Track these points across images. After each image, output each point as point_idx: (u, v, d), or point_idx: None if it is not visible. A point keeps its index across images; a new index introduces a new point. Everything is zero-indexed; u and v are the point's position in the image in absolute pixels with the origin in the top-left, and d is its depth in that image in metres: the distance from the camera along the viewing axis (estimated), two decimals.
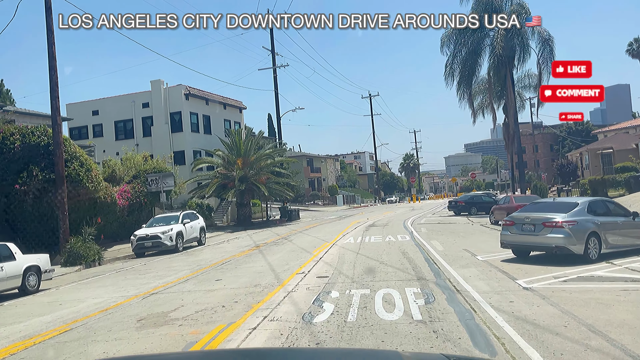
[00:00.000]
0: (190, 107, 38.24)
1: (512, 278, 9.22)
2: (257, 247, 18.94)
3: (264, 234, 26.52)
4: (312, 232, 24.54)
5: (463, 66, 34.10)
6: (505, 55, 32.83)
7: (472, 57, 33.82)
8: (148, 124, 38.39)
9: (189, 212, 22.49)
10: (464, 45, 33.26)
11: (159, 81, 37.72)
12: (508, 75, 34.18)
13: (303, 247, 17.11)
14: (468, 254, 12.97)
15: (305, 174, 67.98)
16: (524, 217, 11.11)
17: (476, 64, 34.53)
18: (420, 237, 18.46)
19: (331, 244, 17.76)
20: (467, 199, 34.10)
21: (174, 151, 37.51)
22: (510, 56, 33.56)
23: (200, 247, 21.34)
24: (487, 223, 24.51)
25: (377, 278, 9.94)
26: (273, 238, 22.67)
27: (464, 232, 20.27)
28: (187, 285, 10.72)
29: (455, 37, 33.89)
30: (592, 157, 43.85)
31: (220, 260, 15.42)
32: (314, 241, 19.39)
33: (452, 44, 33.62)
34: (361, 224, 28.03)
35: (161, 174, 25.97)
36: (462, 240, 16.68)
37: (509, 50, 33.30)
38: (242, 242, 22.11)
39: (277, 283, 10.15)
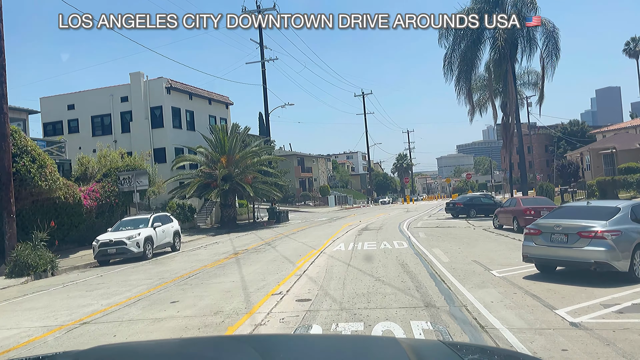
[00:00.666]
0: (172, 101, 35.92)
1: (549, 306, 7.10)
2: (235, 254, 16.74)
3: (247, 238, 24.31)
4: (300, 237, 22.38)
5: (462, 59, 32.08)
6: (508, 48, 30.89)
7: (472, 49, 31.79)
8: (127, 119, 36.00)
9: (161, 214, 20.23)
10: (464, 37, 31.25)
11: (138, 73, 35.35)
12: (509, 69, 32.23)
13: (286, 256, 14.94)
14: (480, 268, 10.86)
15: (296, 174, 65.81)
16: (554, 224, 9.01)
17: (476, 57, 32.53)
18: (420, 243, 16.36)
19: (319, 251, 15.60)
20: (465, 200, 32.09)
21: (154, 148, 35.19)
22: (513, 49, 31.63)
23: (173, 253, 19.09)
24: (490, 227, 22.48)
25: (373, 304, 7.80)
26: (256, 243, 20.48)
27: (467, 238, 18.20)
28: (132, 310, 8.51)
29: (454, 29, 31.89)
30: (594, 157, 42.07)
31: (188, 271, 13.21)
32: (300, 248, 17.22)
33: (451, 35, 31.60)
34: (353, 227, 25.91)
35: (135, 172, 23.67)
36: (468, 249, 14.59)
37: (511, 43, 31.43)
38: (220, 247, 19.89)
39: (244, 309, 7.97)
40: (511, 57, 31.82)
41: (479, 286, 8.83)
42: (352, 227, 26.49)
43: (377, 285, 9.36)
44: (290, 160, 64.27)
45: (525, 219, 19.16)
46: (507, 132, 44.60)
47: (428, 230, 21.81)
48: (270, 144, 39.38)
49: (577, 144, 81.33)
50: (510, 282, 9.07)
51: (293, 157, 66.33)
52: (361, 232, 22.76)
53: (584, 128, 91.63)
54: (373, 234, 21.33)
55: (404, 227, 24.32)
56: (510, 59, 31.63)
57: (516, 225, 19.69)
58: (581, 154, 45.70)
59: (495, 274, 10.00)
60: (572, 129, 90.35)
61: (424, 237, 18.91)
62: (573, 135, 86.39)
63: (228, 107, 43.13)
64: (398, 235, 20.20)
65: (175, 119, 36.29)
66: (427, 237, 18.61)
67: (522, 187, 32.31)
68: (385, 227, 24.84)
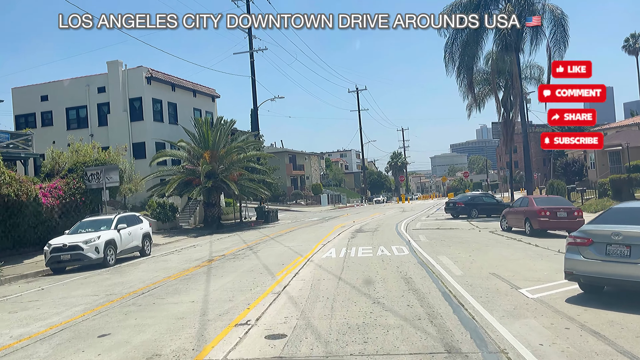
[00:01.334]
0: (153, 92, 33.50)
1: (628, 354, 4.89)
2: (209, 262, 14.45)
3: (230, 240, 22.02)
4: (287, 239, 20.12)
5: (464, 48, 29.92)
6: (513, 36, 28.79)
7: (474, 38, 29.62)
8: (104, 111, 33.57)
9: (128, 214, 17.87)
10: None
11: (116, 62, 32.90)
12: (514, 60, 30.12)
13: (267, 265, 12.68)
14: (504, 284, 8.67)
15: (288, 172, 63.49)
16: (611, 233, 6.80)
17: (478, 47, 30.41)
18: (422, 249, 14.15)
19: (306, 259, 13.36)
20: (466, 200, 29.94)
21: (133, 143, 32.82)
22: (518, 38, 29.51)
23: (140, 259, 16.75)
24: (497, 229, 20.35)
25: (372, 345, 5.55)
26: (236, 247, 18.19)
27: (474, 242, 16.02)
28: (41, 350, 6.21)
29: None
30: (599, 154, 40.04)
31: (146, 285, 10.92)
32: (284, 254, 14.96)
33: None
34: (346, 229, 23.70)
35: (104, 167, 21.29)
36: (481, 256, 12.40)
37: (517, 31, 29.36)
38: (196, 252, 17.58)
39: (191, 351, 5.71)
40: (516, 47, 29.70)
41: (512, 314, 6.61)
42: (345, 228, 24.27)
43: (377, 311, 7.11)
44: (282, 157, 61.94)
45: (540, 221, 17.06)
46: (508, 128, 42.67)
47: (429, 233, 19.62)
48: (258, 138, 37.04)
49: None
50: (552, 308, 6.86)
51: (284, 154, 63.98)
52: (355, 234, 20.54)
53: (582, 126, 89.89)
54: (368, 236, 19.12)
55: (401, 229, 22.14)
56: (515, 48, 29.51)
57: (529, 227, 17.54)
58: (584, 152, 43.68)
59: (526, 294, 7.80)
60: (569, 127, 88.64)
61: (425, 241, 16.72)
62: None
63: (214, 100, 40.78)
64: (396, 238, 17.99)
65: (157, 112, 33.90)
66: (429, 241, 16.41)
67: (528, 186, 30.20)
68: (381, 229, 22.65)
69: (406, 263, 11.67)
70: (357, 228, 23.85)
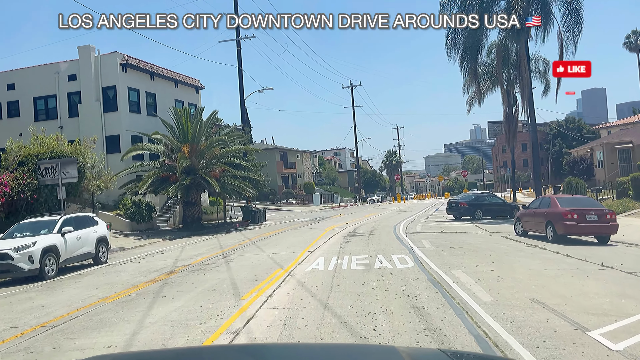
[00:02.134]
0: (129, 81, 30.67)
1: None
2: (168, 274, 11.75)
3: (205, 244, 19.33)
4: (270, 244, 17.46)
5: (468, 35, 27.37)
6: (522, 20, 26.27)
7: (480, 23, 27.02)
8: (75, 101, 30.69)
9: (78, 215, 15.10)
10: (471, 6, 26.47)
11: (88, 47, 30.02)
12: (522, 47, 27.63)
13: (236, 281, 10.01)
14: (560, 321, 6.05)
15: (278, 169, 60.76)
16: None
17: (483, 34, 27.88)
18: (430, 260, 11.54)
19: (286, 272, 10.71)
20: (470, 200, 27.39)
21: (106, 135, 29.99)
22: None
23: (92, 268, 14.02)
24: (510, 233, 17.81)
25: None
26: (208, 254, 15.49)
27: (490, 249, 13.44)
28: None
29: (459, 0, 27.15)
30: (608, 152, 37.67)
31: (70, 310, 8.23)
32: (262, 264, 12.29)
33: (456, 6, 26.86)
34: (338, 232, 21.07)
35: (59, 161, 18.54)
36: (506, 271, 9.80)
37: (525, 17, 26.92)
38: (160, 260, 14.85)
39: None
40: (525, 33, 27.17)
41: None
42: (337, 231, 21.64)
43: None
44: (272, 154, 59.21)
45: (566, 225, 14.48)
46: (511, 124, 40.16)
47: (433, 238, 17.01)
48: (245, 131, 34.30)
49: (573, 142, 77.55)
50: None
51: (275, 151, 61.20)
52: (348, 238, 17.91)
53: (580, 125, 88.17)
54: (363, 241, 16.49)
55: (400, 232, 19.55)
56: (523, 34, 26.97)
57: (551, 232, 14.97)
58: (591, 150, 41.29)
59: (604, 341, 5.18)
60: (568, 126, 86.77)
61: (431, 248, 14.10)
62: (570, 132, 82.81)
63: (198, 91, 37.97)
64: (396, 244, 15.38)
65: (133, 102, 31.05)
66: (435, 249, 13.81)
67: (536, 185, 27.70)
68: (378, 232, 20.03)
69: (413, 281, 9.04)
70: (350, 231, 21.23)
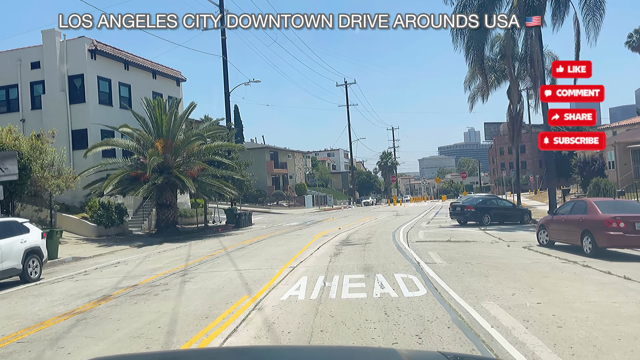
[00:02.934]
0: (99, 70, 27.68)
1: None
2: (97, 302, 8.81)
3: (171, 255, 16.40)
4: (245, 257, 14.55)
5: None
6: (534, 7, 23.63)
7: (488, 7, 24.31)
8: (39, 91, 27.67)
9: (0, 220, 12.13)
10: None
11: (52, 31, 26.97)
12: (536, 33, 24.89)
13: (178, 319, 7.09)
14: None
15: (268, 170, 57.80)
16: None
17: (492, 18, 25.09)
18: (445, 282, 8.71)
19: (254, 302, 7.83)
20: (477, 203, 24.61)
21: (72, 129, 27.01)
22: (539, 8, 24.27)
23: (12, 289, 11.03)
24: (531, 243, 15.06)
25: None
26: (167, 269, 12.55)
27: (518, 267, 10.62)
28: None
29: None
30: (620, 152, 35.09)
31: None
32: (225, 288, 9.38)
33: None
34: (329, 239, 18.21)
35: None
36: (557, 304, 6.96)
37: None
38: (102, 279, 11.88)
39: None
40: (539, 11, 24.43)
41: None
42: (328, 238, 18.77)
43: None
44: (262, 153, 56.26)
45: (609, 236, 11.65)
46: (515, 123, 37.70)
47: (441, 249, 14.16)
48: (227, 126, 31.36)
49: None
50: None
51: (265, 150, 58.22)
52: (340, 248, 15.05)
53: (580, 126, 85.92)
54: (358, 253, 13.62)
55: (401, 241, 16.73)
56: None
57: (589, 244, 12.16)
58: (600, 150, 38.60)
59: None
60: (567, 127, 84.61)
61: (442, 263, 11.26)
62: None
63: (180, 83, 35.00)
64: (398, 257, 12.52)
65: (103, 93, 28.05)
66: (448, 265, 10.97)
67: (550, 186, 24.87)
68: (375, 240, 17.18)
69: (432, 324, 6.16)
70: (343, 238, 18.35)
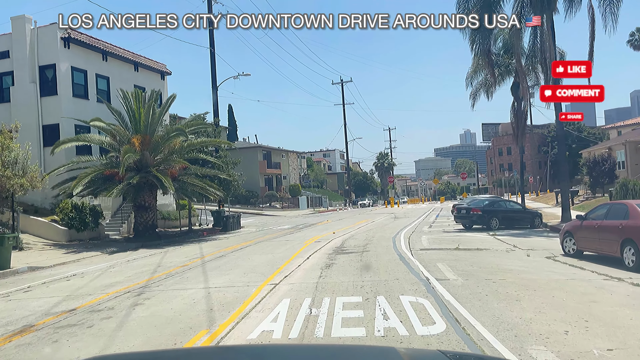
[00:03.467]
0: (73, 60, 25.49)
1: None
2: (13, 335, 6.69)
3: (138, 265, 14.26)
4: (221, 269, 12.43)
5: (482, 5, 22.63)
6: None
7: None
8: (7, 83, 25.45)
9: None
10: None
11: (22, 18, 24.78)
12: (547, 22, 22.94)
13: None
14: None
15: (261, 170, 55.65)
16: None
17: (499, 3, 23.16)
18: (469, 311, 6.65)
19: (212, 341, 5.71)
20: (484, 206, 22.56)
21: (43, 124, 24.81)
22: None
23: None
24: (554, 252, 13.04)
25: None
26: (124, 285, 10.42)
27: (552, 285, 8.57)
28: None
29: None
30: (631, 152, 33.21)
31: None
32: (182, 316, 7.27)
33: None
34: (322, 246, 16.13)
35: None
36: (637, 355, 4.92)
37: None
38: (38, 299, 9.72)
39: None
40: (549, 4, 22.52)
41: None
42: (320, 244, 16.69)
43: None
44: (254, 153, 54.13)
45: None
46: (519, 120, 35.56)
47: (451, 259, 12.09)
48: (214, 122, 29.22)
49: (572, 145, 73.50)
50: None
51: (257, 150, 56.06)
52: (333, 258, 12.96)
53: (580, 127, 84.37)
54: (354, 265, 11.54)
55: (403, 248, 14.67)
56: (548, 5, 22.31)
57: (632, 256, 10.11)
58: (609, 149, 36.75)
59: None
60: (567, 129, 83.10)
61: (457, 280, 9.19)
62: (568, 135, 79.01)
63: (165, 77, 32.82)
64: (402, 270, 10.45)
65: (78, 85, 25.84)
66: (464, 282, 8.90)
67: (563, 187, 22.87)
68: (373, 248, 15.11)
69: None
70: (337, 245, 16.27)
